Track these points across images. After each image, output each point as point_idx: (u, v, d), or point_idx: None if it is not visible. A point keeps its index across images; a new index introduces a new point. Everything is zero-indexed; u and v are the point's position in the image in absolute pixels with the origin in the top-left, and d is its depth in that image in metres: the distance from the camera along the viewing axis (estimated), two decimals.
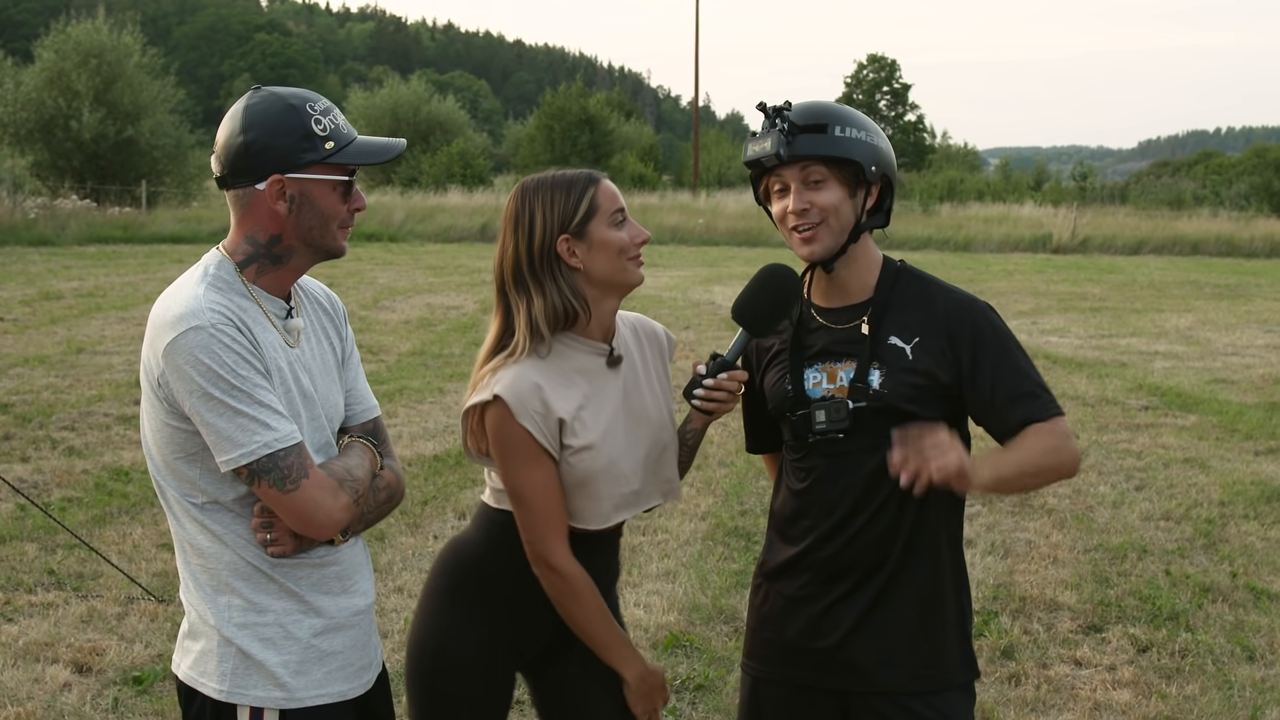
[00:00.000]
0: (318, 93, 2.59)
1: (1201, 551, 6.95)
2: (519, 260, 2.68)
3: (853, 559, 2.77)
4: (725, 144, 63.17)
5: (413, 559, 6.53)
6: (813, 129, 2.72)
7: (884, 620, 2.77)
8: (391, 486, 2.69)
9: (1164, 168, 73.46)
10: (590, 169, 2.75)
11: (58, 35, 35.80)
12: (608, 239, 2.67)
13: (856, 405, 2.72)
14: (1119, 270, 26.75)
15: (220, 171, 2.51)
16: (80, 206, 30.27)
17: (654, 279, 21.32)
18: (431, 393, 10.94)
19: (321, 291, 2.76)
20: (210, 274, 2.48)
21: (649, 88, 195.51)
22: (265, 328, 2.48)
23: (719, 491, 8.02)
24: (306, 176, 2.48)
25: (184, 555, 2.55)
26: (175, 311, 2.39)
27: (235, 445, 2.37)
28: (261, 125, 2.46)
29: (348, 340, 2.76)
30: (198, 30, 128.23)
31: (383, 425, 2.80)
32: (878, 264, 2.84)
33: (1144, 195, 48.53)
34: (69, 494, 7.62)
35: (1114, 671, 5.26)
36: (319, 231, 2.53)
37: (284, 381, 2.50)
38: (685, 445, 2.93)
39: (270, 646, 2.50)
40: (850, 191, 2.74)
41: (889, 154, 2.80)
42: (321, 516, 2.45)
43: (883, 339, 2.75)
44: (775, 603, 2.89)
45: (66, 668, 5.08)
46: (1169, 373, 12.84)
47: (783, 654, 2.87)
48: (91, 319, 15.22)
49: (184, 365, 2.36)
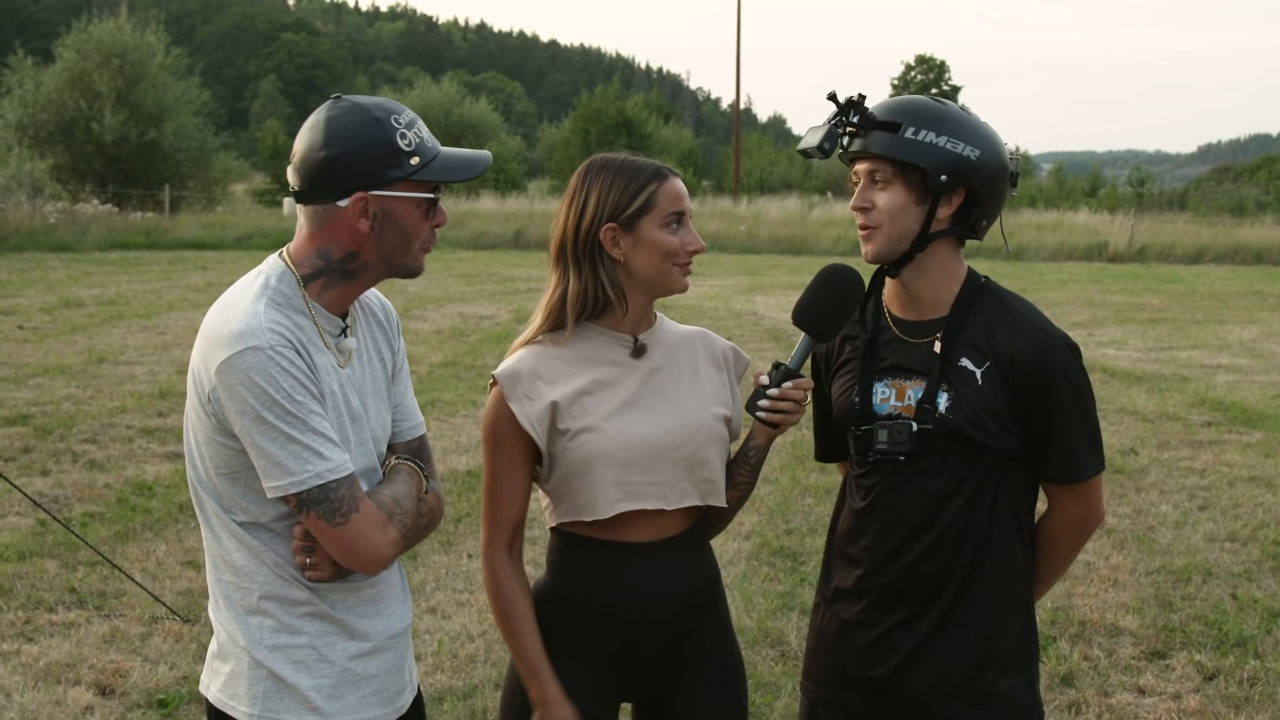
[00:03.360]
0: None
1: (1269, 574, 6.71)
2: (564, 237, 2.64)
3: (910, 586, 2.69)
4: (767, 148, 62.56)
5: (446, 578, 6.40)
6: (885, 126, 2.62)
7: (941, 653, 2.68)
8: (434, 510, 2.63)
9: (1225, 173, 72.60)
10: (663, 164, 2.67)
11: (79, 34, 35.81)
12: (656, 239, 2.61)
13: (921, 427, 2.63)
14: (1178, 280, 26.32)
15: (299, 186, 2.44)
16: (101, 211, 30.23)
17: (694, 288, 21.10)
18: (464, 405, 10.83)
19: (377, 301, 2.69)
20: (271, 287, 2.41)
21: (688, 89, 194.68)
22: (320, 349, 2.42)
23: (763, 510, 7.82)
24: (391, 194, 2.41)
25: (216, 571, 2.49)
26: (233, 327, 2.32)
27: (286, 473, 2.32)
28: (345, 139, 2.39)
29: (399, 353, 2.69)
30: (223, 30, 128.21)
31: (427, 444, 2.72)
32: (958, 278, 2.72)
33: (1204, 201, 47.95)
34: (91, 509, 7.52)
35: (1179, 700, 5.09)
36: (400, 251, 2.46)
37: (335, 405, 2.44)
38: (748, 463, 2.78)
39: (303, 669, 2.45)
40: (917, 197, 2.62)
41: (975, 162, 2.62)
42: (370, 552, 2.40)
43: (954, 360, 2.65)
44: (833, 624, 2.82)
45: (89, 690, 5.00)
46: (1232, 387, 12.52)
47: (839, 679, 2.80)
48: (113, 328, 15.17)
49: (238, 386, 2.30)
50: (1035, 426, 2.64)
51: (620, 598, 2.64)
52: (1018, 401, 2.63)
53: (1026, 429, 2.65)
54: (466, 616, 5.84)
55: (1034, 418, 2.64)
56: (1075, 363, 2.67)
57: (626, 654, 2.68)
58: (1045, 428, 2.64)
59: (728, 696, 2.79)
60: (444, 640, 5.55)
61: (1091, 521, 2.78)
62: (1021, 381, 2.62)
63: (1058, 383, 2.63)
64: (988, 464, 2.63)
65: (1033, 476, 2.73)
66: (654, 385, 2.67)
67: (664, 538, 2.67)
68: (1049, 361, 2.63)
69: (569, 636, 2.68)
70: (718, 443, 2.71)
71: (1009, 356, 2.63)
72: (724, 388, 2.77)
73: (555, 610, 2.69)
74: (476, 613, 5.83)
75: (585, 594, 2.66)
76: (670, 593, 2.66)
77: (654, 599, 2.65)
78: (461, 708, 4.92)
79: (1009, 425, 2.63)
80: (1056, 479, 2.70)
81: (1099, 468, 2.71)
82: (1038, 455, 2.68)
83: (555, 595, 2.70)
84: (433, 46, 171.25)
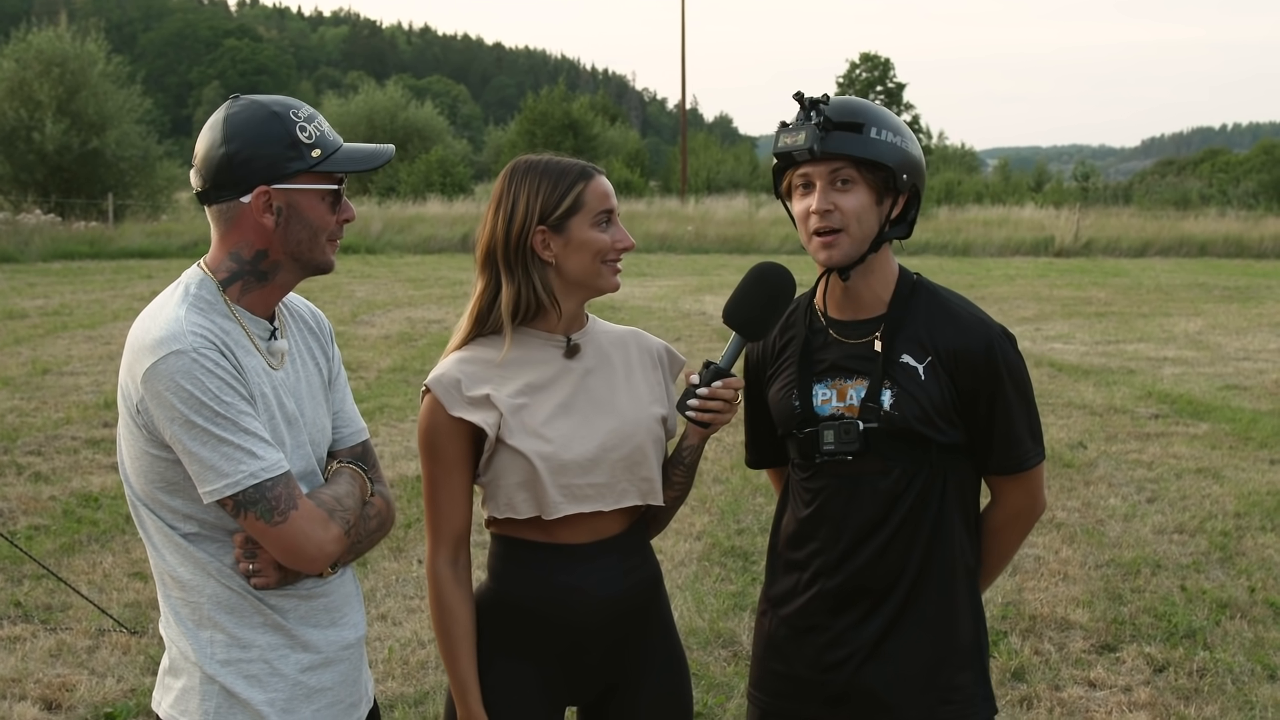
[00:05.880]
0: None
1: (1217, 566, 6.77)
2: (493, 242, 2.62)
3: (862, 585, 2.68)
4: (714, 148, 62.67)
5: (396, 585, 6.35)
6: (847, 127, 2.60)
7: (896, 651, 2.67)
8: (382, 514, 2.61)
9: (1169, 166, 73.27)
10: (588, 163, 2.65)
11: (18, 43, 35.26)
12: (587, 239, 2.60)
13: (868, 426, 2.62)
14: (1124, 273, 26.59)
15: (201, 185, 2.41)
16: (44, 221, 29.73)
17: (642, 288, 21.15)
18: (413, 410, 10.64)
19: (307, 309, 2.66)
20: (191, 294, 2.38)
21: (634, 90, 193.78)
22: (249, 351, 2.39)
23: (714, 510, 7.80)
24: (294, 187, 2.39)
25: (164, 588, 2.45)
26: (155, 334, 2.30)
27: (220, 475, 2.28)
28: (244, 135, 2.37)
29: (334, 360, 2.67)
30: (164, 37, 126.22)
31: (372, 449, 2.70)
32: (894, 276, 2.73)
33: (1148, 195, 48.28)
34: (36, 521, 7.40)
35: (1130, 693, 5.12)
36: (308, 245, 2.44)
37: (268, 407, 2.41)
38: (682, 464, 2.76)
39: (255, 684, 2.41)
40: (878, 198, 2.63)
41: (921, 162, 2.68)
42: (312, 549, 2.36)
43: (895, 357, 2.64)
44: (781, 631, 2.79)
45: (35, 705, 4.91)
46: (1179, 379, 12.63)
47: (793, 686, 2.77)
48: (57, 338, 14.93)
49: (165, 391, 2.26)
50: (980, 416, 2.66)
51: (562, 601, 2.62)
52: (961, 394, 2.63)
53: (970, 420, 2.66)
54: (417, 623, 5.79)
55: (978, 408, 2.65)
56: (1015, 353, 2.69)
57: (573, 656, 2.67)
58: (989, 418, 2.65)
59: (673, 695, 2.79)
60: (395, 647, 5.50)
61: (1035, 510, 2.80)
62: (965, 374, 2.63)
63: (1000, 373, 2.64)
64: (934, 459, 2.64)
65: (976, 470, 2.74)
66: (588, 386, 2.66)
67: (604, 538, 2.66)
68: (991, 351, 2.64)
69: (514, 640, 2.66)
70: (654, 442, 2.70)
71: (950, 350, 2.64)
72: (659, 386, 2.76)
73: (498, 615, 2.67)
74: (427, 619, 5.77)
75: (527, 598, 2.64)
76: (612, 594, 2.65)
77: (596, 601, 2.64)
78: (413, 715, 4.88)
79: (953, 418, 2.64)
80: (1000, 470, 2.72)
81: (1041, 456, 2.73)
82: (981, 446, 2.69)
83: (497, 600, 2.68)
84: (377, 51, 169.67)
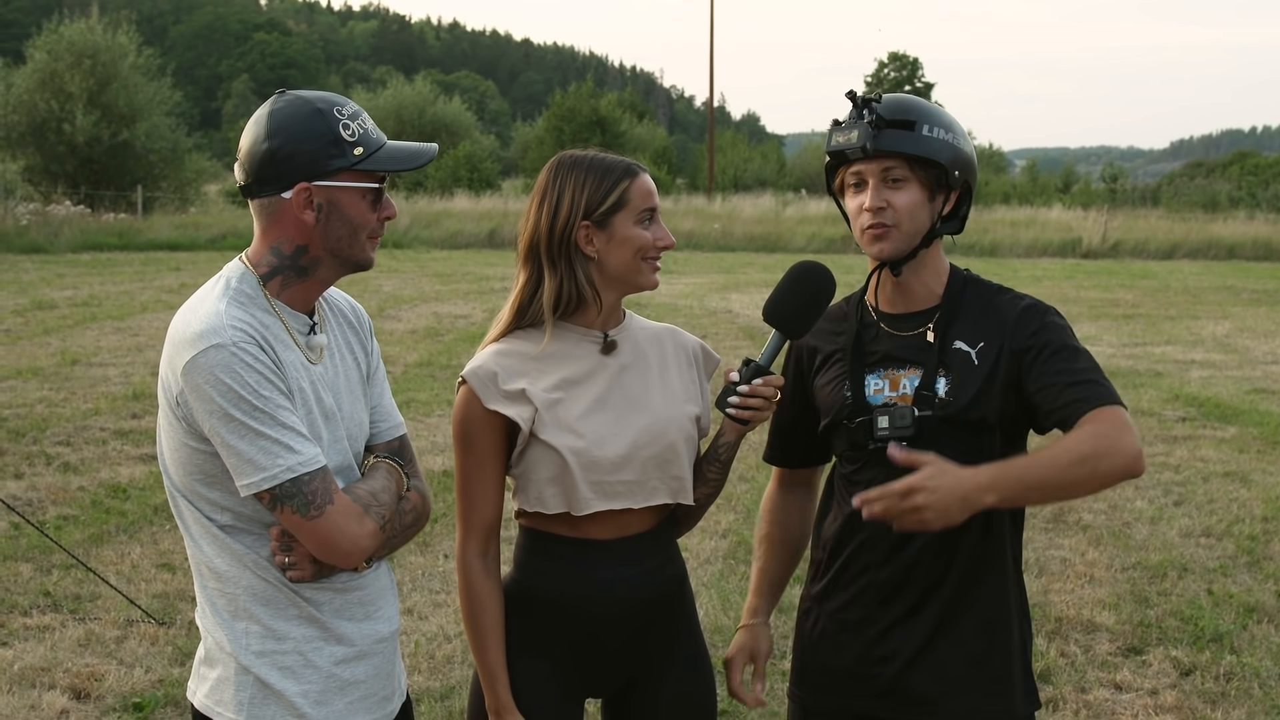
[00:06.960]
0: None
1: (1245, 570, 6.74)
2: (536, 235, 2.63)
3: (911, 579, 2.67)
4: (741, 146, 62.33)
5: (423, 579, 6.38)
6: (900, 124, 2.63)
7: (945, 643, 2.67)
8: (418, 509, 2.62)
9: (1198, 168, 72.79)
10: (632, 160, 2.67)
11: (50, 35, 35.36)
12: (630, 236, 2.62)
13: (922, 413, 2.62)
14: (1152, 275, 26.45)
15: (244, 180, 2.44)
16: (74, 213, 29.88)
17: (669, 286, 21.13)
18: (440, 405, 10.76)
19: (347, 304, 2.68)
20: (232, 287, 2.41)
21: (662, 88, 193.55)
22: (288, 345, 2.41)
23: (740, 508, 7.81)
24: (335, 184, 2.41)
25: (201, 579, 2.48)
26: (195, 328, 2.32)
27: (257, 469, 2.30)
28: (287, 130, 2.39)
29: (373, 355, 2.69)
30: (194, 30, 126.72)
31: (409, 443, 2.71)
32: (945, 271, 2.75)
33: (1177, 197, 47.99)
34: (65, 512, 7.46)
35: (1156, 696, 5.10)
36: (348, 242, 2.45)
37: (306, 402, 2.42)
38: (718, 460, 2.77)
39: (290, 675, 2.44)
40: (930, 194, 2.66)
41: (972, 158, 2.71)
42: (347, 544, 2.38)
43: (948, 345, 2.66)
44: (827, 627, 2.79)
45: (64, 694, 4.95)
46: (1206, 382, 12.57)
47: (839, 682, 2.77)
48: (86, 329, 15.04)
49: (204, 385, 2.29)
50: (1036, 374, 2.56)
51: (587, 594, 2.64)
52: (1014, 356, 2.60)
53: (1029, 378, 2.57)
54: (444, 617, 5.82)
55: (1033, 367, 2.56)
56: (1059, 315, 2.68)
57: (592, 647, 2.68)
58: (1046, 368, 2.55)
59: (695, 691, 2.80)
60: (421, 641, 5.53)
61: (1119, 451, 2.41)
62: (1015, 337, 2.62)
63: (1047, 329, 2.62)
64: (989, 444, 2.61)
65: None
66: (623, 383, 2.67)
67: (631, 534, 2.67)
68: (1033, 309, 2.66)
69: (536, 633, 2.68)
70: (687, 441, 2.71)
71: (1005, 326, 2.64)
72: (694, 385, 2.77)
73: (522, 607, 2.69)
74: (453, 613, 5.80)
75: (552, 590, 2.66)
76: (637, 590, 2.67)
77: (621, 596, 2.65)
78: (439, 709, 4.90)
79: (1010, 393, 2.61)
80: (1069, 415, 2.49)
81: (1113, 396, 2.50)
82: (1045, 403, 2.54)
83: (522, 592, 2.70)
84: (406, 46, 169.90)
